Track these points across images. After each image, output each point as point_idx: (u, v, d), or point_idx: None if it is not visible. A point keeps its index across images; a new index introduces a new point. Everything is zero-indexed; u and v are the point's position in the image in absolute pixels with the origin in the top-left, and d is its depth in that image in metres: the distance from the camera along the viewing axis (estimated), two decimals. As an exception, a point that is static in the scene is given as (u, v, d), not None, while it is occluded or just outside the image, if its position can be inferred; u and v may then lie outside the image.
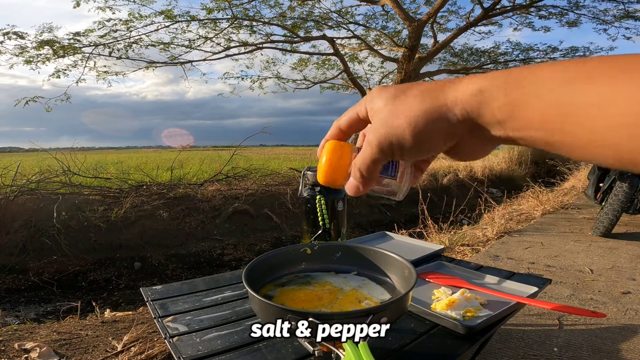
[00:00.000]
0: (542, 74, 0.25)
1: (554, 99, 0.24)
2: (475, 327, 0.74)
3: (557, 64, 0.25)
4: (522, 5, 6.85)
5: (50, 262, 3.78)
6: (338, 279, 0.79)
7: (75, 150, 6.23)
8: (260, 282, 0.75)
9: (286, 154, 16.64)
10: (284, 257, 0.82)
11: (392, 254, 0.77)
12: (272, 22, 6.89)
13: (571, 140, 0.24)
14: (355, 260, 0.83)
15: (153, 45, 6.57)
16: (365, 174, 0.35)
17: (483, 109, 0.28)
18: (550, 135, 0.25)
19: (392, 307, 0.58)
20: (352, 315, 0.57)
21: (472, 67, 8.20)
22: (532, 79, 0.25)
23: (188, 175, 6.35)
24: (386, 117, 0.32)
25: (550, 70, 0.25)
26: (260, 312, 0.61)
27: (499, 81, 0.27)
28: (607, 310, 1.65)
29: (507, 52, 7.94)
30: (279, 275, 0.80)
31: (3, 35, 5.73)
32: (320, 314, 0.56)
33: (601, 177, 3.09)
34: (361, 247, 0.84)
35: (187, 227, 4.61)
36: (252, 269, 0.70)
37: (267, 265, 0.77)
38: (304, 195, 1.11)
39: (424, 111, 0.30)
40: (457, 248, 2.62)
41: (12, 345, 1.36)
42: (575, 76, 0.23)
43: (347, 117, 0.37)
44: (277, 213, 5.21)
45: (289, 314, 0.55)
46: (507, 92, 0.26)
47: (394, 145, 0.31)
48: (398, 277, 0.76)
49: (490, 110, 0.27)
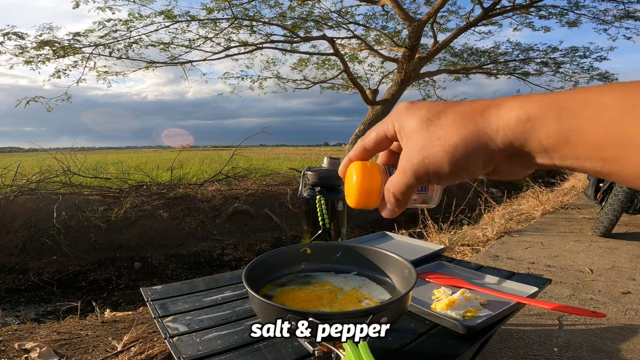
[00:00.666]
0: (600, 99, 0.23)
1: (613, 129, 0.22)
2: (475, 327, 0.74)
3: (614, 87, 0.23)
4: (522, 5, 6.85)
5: (50, 262, 3.78)
6: (338, 279, 0.79)
7: (75, 150, 6.23)
8: (260, 282, 0.75)
9: (286, 154, 16.65)
10: (284, 257, 0.83)
11: (392, 254, 0.77)
12: (272, 22, 6.89)
13: (628, 172, 0.23)
14: (355, 260, 0.83)
15: (153, 45, 6.57)
16: (400, 198, 0.34)
17: (529, 136, 0.26)
18: (603, 165, 0.24)
19: (392, 307, 0.58)
20: (352, 315, 0.57)
21: (472, 67, 8.19)
22: (588, 106, 0.24)
23: (188, 175, 6.35)
24: (421, 144, 0.30)
25: (609, 95, 0.23)
26: (260, 312, 0.61)
27: (549, 107, 0.25)
28: (607, 310, 1.65)
29: (507, 52, 7.94)
30: (279, 275, 0.80)
31: (3, 35, 5.73)
32: (320, 314, 0.56)
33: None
34: (361, 247, 0.84)
35: (187, 227, 4.61)
36: (252, 269, 0.70)
37: (267, 265, 0.78)
38: (304, 195, 1.11)
39: (463, 139, 0.28)
40: (457, 248, 2.62)
41: (12, 345, 1.36)
42: (637, 103, 0.22)
43: (373, 136, 0.36)
44: (277, 213, 5.21)
45: (289, 314, 0.55)
46: (560, 120, 0.25)
47: (430, 173, 0.30)
48: (398, 277, 0.76)
49: (538, 138, 0.26)
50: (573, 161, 0.25)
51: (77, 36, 6.07)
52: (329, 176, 1.11)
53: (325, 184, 1.11)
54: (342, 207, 1.12)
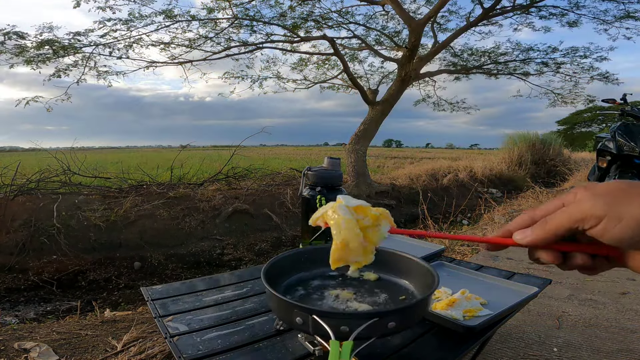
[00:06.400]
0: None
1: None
2: (475, 327, 0.74)
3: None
4: (523, 5, 6.83)
5: (50, 262, 3.78)
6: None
7: (75, 150, 6.23)
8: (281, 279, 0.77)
9: (286, 153, 16.64)
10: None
11: (416, 259, 0.77)
12: (272, 22, 6.88)
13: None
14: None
15: (153, 45, 6.57)
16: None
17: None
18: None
19: (400, 312, 0.58)
20: (355, 317, 0.57)
21: (472, 67, 8.18)
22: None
23: (188, 175, 6.35)
24: None
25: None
26: (272, 304, 0.65)
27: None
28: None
29: (507, 52, 7.93)
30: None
31: (3, 35, 5.72)
32: (324, 312, 0.56)
33: (601, 177, 3.09)
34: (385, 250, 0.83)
35: (187, 227, 4.61)
36: (273, 265, 0.73)
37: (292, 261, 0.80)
38: (305, 195, 1.11)
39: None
40: (457, 248, 2.62)
41: (11, 344, 1.36)
42: None
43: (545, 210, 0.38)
44: (277, 213, 5.20)
45: (296, 309, 0.57)
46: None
47: None
48: (420, 283, 0.75)
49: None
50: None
51: (77, 36, 6.07)
52: (330, 176, 1.11)
53: (325, 184, 1.11)
54: (342, 207, 1.11)
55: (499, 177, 8.62)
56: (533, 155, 9.46)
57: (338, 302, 0.72)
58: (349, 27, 7.40)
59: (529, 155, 9.36)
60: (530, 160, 9.33)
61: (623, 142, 2.86)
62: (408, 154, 20.02)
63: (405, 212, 6.26)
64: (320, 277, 0.82)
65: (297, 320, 0.57)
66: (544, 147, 9.72)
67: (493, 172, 8.65)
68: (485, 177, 8.27)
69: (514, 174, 8.92)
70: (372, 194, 6.38)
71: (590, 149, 15.79)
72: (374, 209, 0.56)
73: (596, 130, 27.33)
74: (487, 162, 9.30)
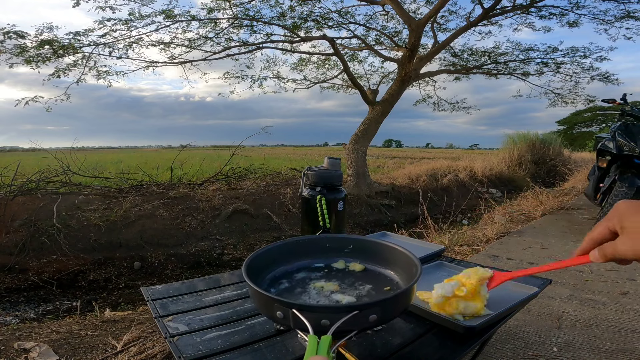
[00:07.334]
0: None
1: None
2: (475, 327, 0.74)
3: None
4: (523, 5, 6.83)
5: (50, 262, 3.78)
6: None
7: (75, 149, 6.22)
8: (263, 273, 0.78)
9: (286, 153, 16.64)
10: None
11: (402, 249, 0.78)
12: (272, 22, 6.88)
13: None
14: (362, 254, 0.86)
15: (153, 45, 6.56)
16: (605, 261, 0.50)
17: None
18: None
19: (381, 305, 0.57)
20: (333, 310, 0.57)
21: (472, 67, 8.18)
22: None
23: (188, 174, 6.35)
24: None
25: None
26: (253, 298, 0.64)
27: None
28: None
29: (507, 52, 7.93)
30: None
31: (3, 34, 5.72)
32: (303, 306, 0.56)
33: (601, 177, 3.09)
34: (372, 240, 0.85)
35: (187, 227, 4.61)
36: (255, 258, 0.73)
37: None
38: (305, 195, 1.11)
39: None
40: (457, 248, 2.62)
41: (11, 344, 1.36)
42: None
43: (598, 232, 0.51)
44: (277, 213, 5.20)
45: (276, 303, 0.56)
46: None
47: None
48: (405, 273, 0.76)
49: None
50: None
51: (77, 35, 6.06)
52: (330, 176, 1.11)
53: (325, 184, 1.11)
54: (342, 207, 1.11)
55: (499, 177, 8.63)
56: (533, 155, 9.47)
57: (322, 294, 0.72)
58: (349, 27, 7.40)
59: (529, 155, 9.36)
60: (530, 160, 9.33)
61: (623, 142, 2.87)
62: (408, 154, 20.03)
63: (405, 212, 6.26)
64: (305, 269, 0.82)
65: (277, 315, 0.57)
66: (544, 147, 9.73)
67: (493, 172, 8.66)
68: (485, 177, 8.27)
69: (514, 174, 8.92)
70: (372, 193, 6.38)
71: (590, 149, 15.80)
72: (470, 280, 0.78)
73: (596, 130, 27.33)
74: (487, 162, 9.30)
